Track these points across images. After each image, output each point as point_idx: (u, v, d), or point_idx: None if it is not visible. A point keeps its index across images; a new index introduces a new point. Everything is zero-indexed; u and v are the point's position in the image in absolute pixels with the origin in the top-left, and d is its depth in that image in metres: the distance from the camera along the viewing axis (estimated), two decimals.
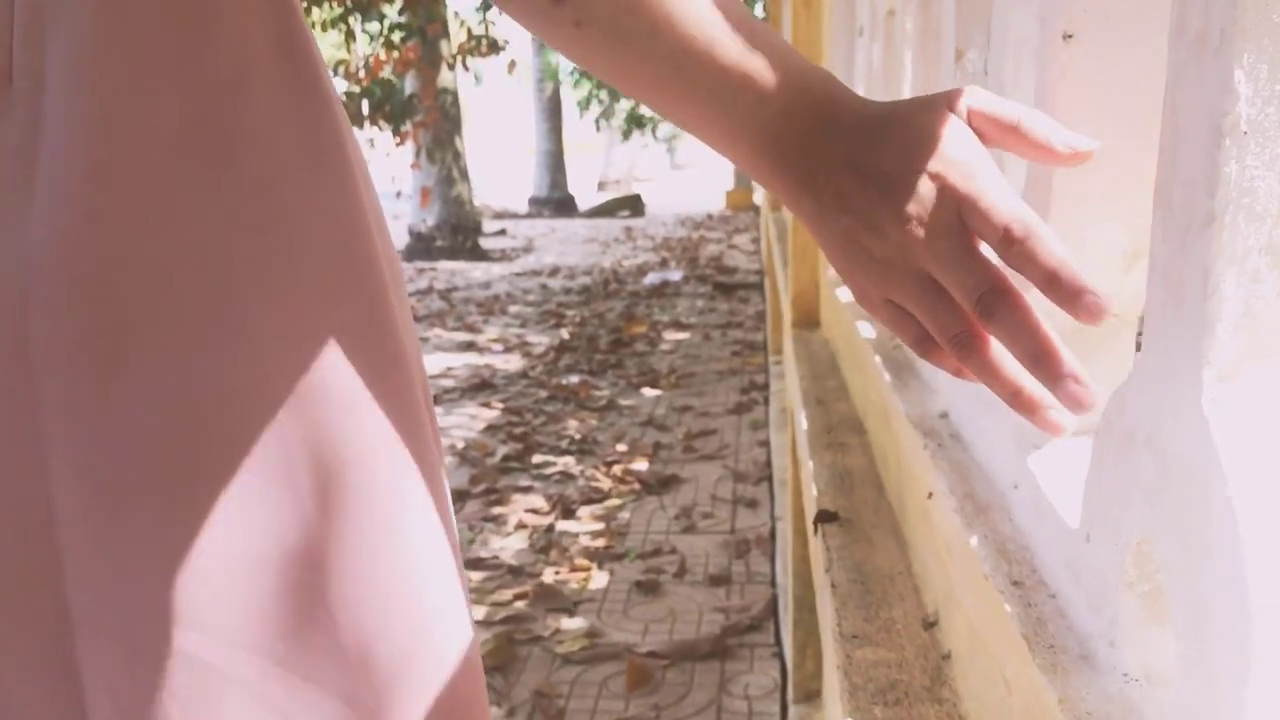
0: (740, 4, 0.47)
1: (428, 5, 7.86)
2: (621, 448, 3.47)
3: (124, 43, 0.40)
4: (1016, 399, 0.41)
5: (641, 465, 3.28)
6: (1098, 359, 0.53)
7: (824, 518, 0.83)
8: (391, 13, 7.95)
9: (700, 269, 8.02)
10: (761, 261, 6.81)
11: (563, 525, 2.80)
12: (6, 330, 0.38)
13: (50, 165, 0.39)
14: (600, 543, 2.66)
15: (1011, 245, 0.40)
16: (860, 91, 1.55)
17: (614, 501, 2.96)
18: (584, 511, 2.90)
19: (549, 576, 2.47)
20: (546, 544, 2.66)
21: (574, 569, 2.49)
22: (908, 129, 0.43)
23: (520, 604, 2.34)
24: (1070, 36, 0.45)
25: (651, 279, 7.52)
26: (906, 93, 1.04)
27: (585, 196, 15.18)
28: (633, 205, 13.73)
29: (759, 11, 9.19)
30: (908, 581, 0.72)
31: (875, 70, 1.30)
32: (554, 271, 8.12)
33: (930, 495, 0.65)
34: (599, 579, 2.45)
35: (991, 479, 0.60)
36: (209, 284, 0.41)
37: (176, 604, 0.39)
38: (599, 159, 19.94)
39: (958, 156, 0.42)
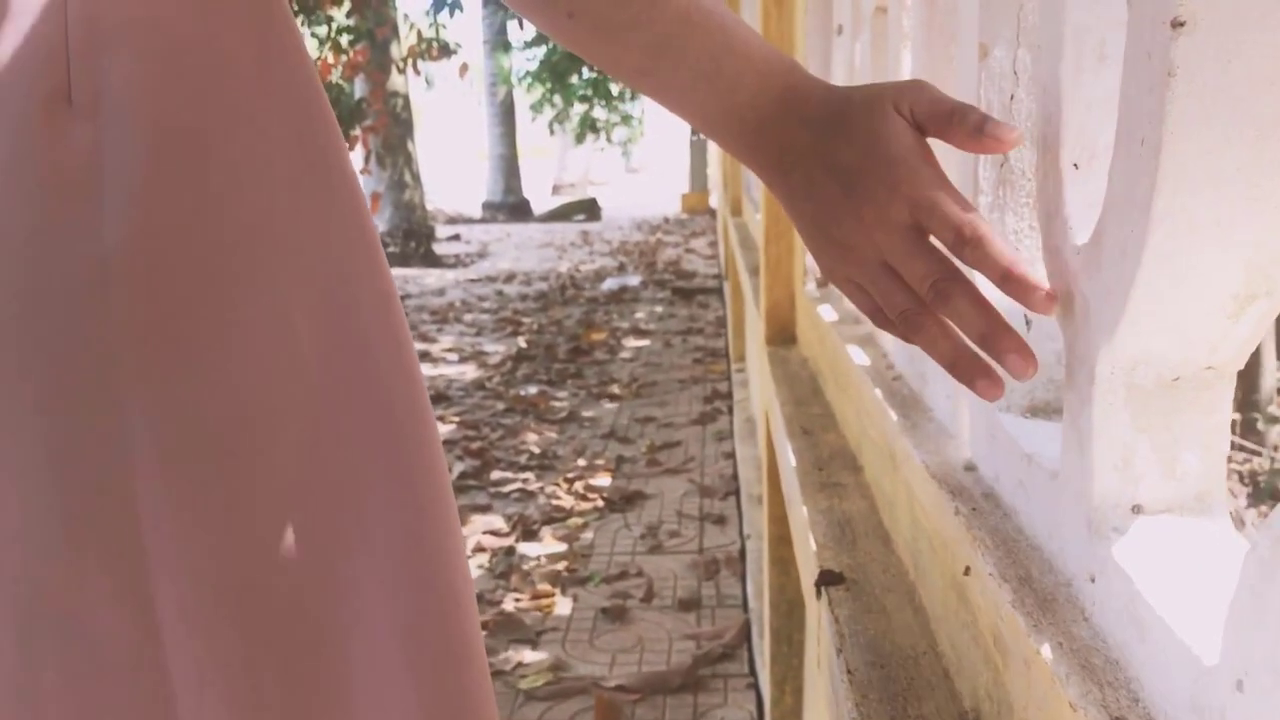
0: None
1: (376, 8, 7.69)
2: (583, 462, 3.36)
3: (177, 65, 0.46)
4: (955, 368, 0.48)
5: (604, 480, 3.17)
6: (1188, 415, 0.44)
7: (828, 579, 0.73)
8: (339, 15, 7.76)
9: (658, 274, 7.93)
10: (720, 265, 6.73)
11: (523, 547, 2.68)
12: (90, 318, 0.44)
13: (114, 176, 0.44)
14: (563, 565, 2.54)
15: (964, 245, 0.46)
16: None
17: (576, 520, 2.85)
18: (545, 532, 2.78)
19: (510, 604, 2.35)
20: (507, 568, 2.54)
21: (536, 595, 2.38)
22: (861, 126, 0.49)
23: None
24: (1181, 24, 0.35)
25: (610, 284, 7.41)
26: None
27: (540, 200, 15.03)
28: (588, 209, 13.61)
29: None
30: (934, 664, 0.62)
31: (859, 72, 1.21)
32: (510, 277, 7.98)
33: (967, 571, 0.55)
34: (562, 606, 2.34)
35: (1050, 561, 0.50)
36: (255, 271, 0.47)
37: (238, 544, 0.46)
38: (554, 163, 19.78)
39: (904, 158, 0.47)
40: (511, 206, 13.64)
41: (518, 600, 2.37)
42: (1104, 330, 0.43)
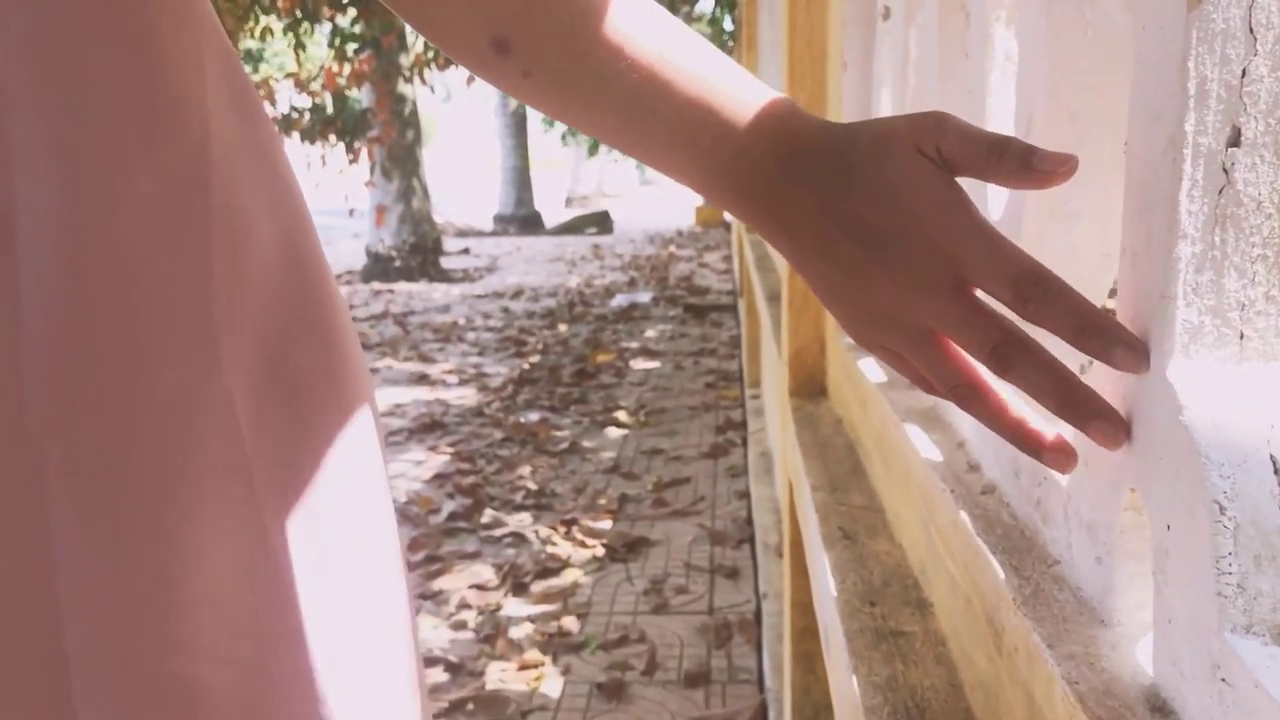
0: (692, 36, 0.46)
1: (383, 15, 7.46)
2: (583, 501, 3.09)
3: (83, 127, 0.39)
4: (1023, 442, 0.42)
5: (605, 524, 2.89)
6: None
7: None
8: (345, 22, 7.56)
9: (670, 289, 7.67)
10: (735, 281, 6.47)
11: (512, 605, 2.40)
12: (7, 404, 0.38)
13: (30, 247, 0.39)
14: (556, 626, 2.27)
15: (1028, 303, 0.39)
16: (889, 97, 1.20)
17: (573, 573, 2.57)
18: (538, 586, 2.51)
19: (494, 676, 2.08)
20: (493, 630, 2.27)
21: (524, 665, 2.10)
22: (874, 175, 0.43)
23: (459, 718, 1.94)
24: None
25: (619, 301, 7.15)
26: (994, 91, 0.68)
27: (553, 213, 14.82)
28: (600, 222, 13.38)
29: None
30: None
31: (917, 67, 0.94)
32: (517, 293, 7.73)
33: None
34: (552, 680, 2.06)
35: None
36: (184, 340, 0.41)
37: (170, 634, 0.40)
38: (567, 175, 19.59)
39: (936, 208, 0.41)
40: (523, 219, 13.42)
41: (503, 671, 2.09)
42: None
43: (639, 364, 5.10)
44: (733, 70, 0.46)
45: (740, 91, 0.46)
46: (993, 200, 0.66)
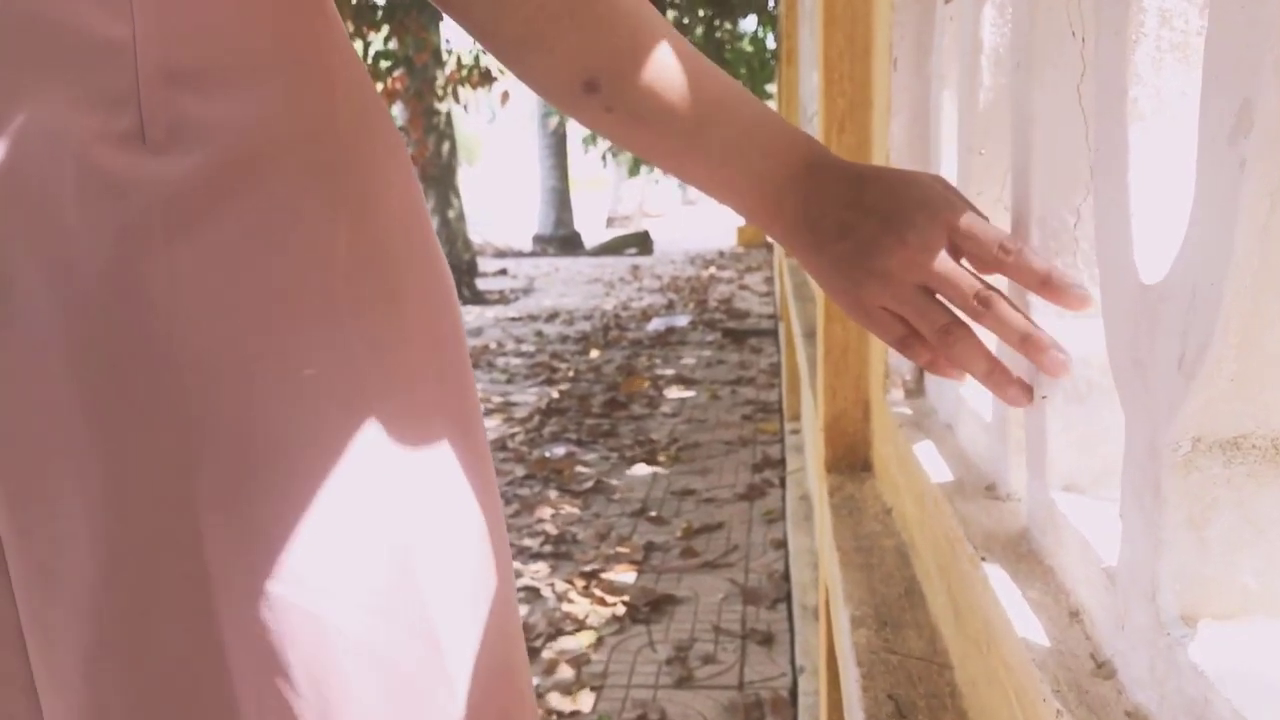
0: (734, 81, 0.56)
1: (416, 33, 7.33)
2: (606, 549, 2.84)
3: (250, 97, 0.46)
4: (991, 376, 0.54)
5: (628, 576, 2.64)
6: None
7: None
8: (377, 40, 7.43)
9: (709, 312, 7.41)
10: (775, 304, 6.20)
11: None
12: (160, 381, 0.43)
13: (183, 213, 0.44)
14: (568, 705, 2.02)
15: (1008, 255, 0.53)
16: (953, 99, 0.95)
17: (589, 634, 2.33)
18: (550, 649, 2.26)
19: None
20: None
21: None
22: (898, 180, 0.55)
23: None
24: None
25: (656, 324, 6.91)
26: (1142, 78, 0.44)
27: (593, 233, 14.65)
28: (640, 243, 13.16)
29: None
30: None
31: (993, 56, 0.70)
32: (552, 316, 7.52)
33: None
34: None
35: None
36: (316, 314, 0.47)
37: (300, 572, 0.45)
38: (608, 194, 19.43)
39: (944, 197, 0.54)
40: (562, 239, 13.25)
41: None
42: None
43: (673, 393, 4.85)
44: (770, 109, 0.56)
45: (774, 120, 0.56)
46: None
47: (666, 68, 0.52)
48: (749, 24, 12.40)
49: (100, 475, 0.43)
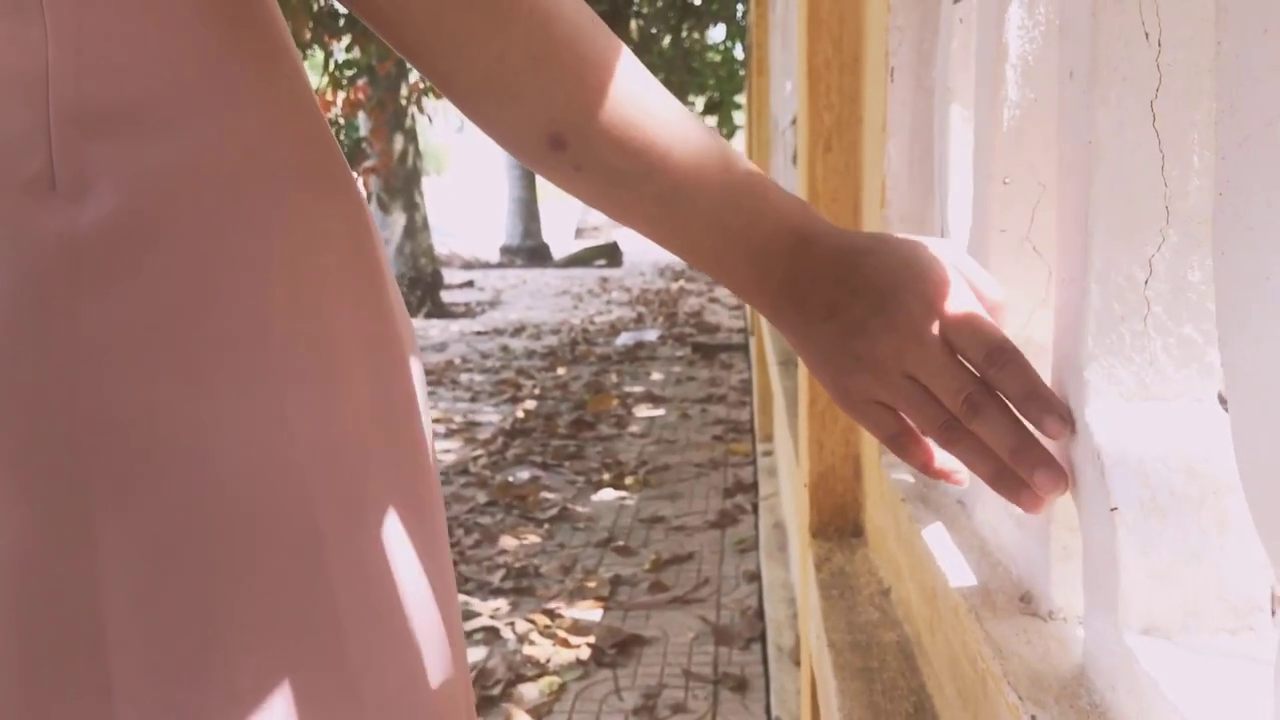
0: (720, 139, 0.50)
1: (379, 43, 7.16)
2: (569, 583, 2.70)
3: (165, 144, 0.41)
4: (999, 480, 0.48)
5: (594, 614, 2.50)
6: None
7: None
8: (339, 49, 7.26)
9: (679, 326, 7.30)
10: (746, 319, 6.09)
11: None
12: (66, 411, 0.39)
13: (93, 262, 0.40)
14: None
15: (994, 364, 0.47)
16: (963, 116, 0.82)
17: (551, 680, 2.18)
18: (507, 699, 2.11)
19: None
20: None
21: None
22: (894, 255, 0.50)
23: None
24: None
25: (624, 339, 6.78)
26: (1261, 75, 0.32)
27: (562, 244, 14.51)
28: (609, 254, 13.04)
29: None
30: None
31: (1020, 64, 0.57)
32: (518, 330, 7.37)
33: None
34: None
35: None
36: (247, 366, 0.42)
37: (219, 680, 0.40)
38: (577, 205, 19.31)
39: (942, 279, 0.49)
40: (530, 251, 13.10)
41: None
42: None
43: (642, 411, 4.72)
44: (762, 174, 0.51)
45: (762, 184, 0.51)
46: None
47: (641, 123, 0.47)
48: (717, 34, 12.33)
49: None
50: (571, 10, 0.46)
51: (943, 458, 0.52)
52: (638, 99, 0.47)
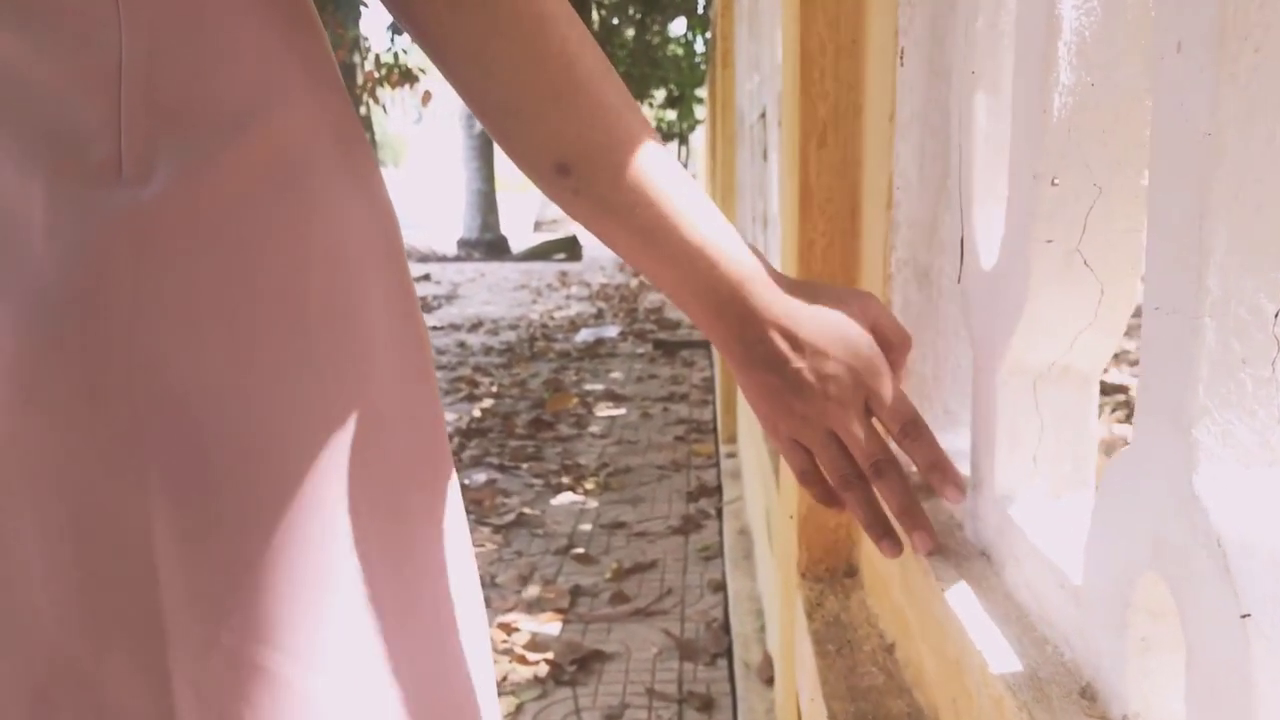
0: (696, 186, 0.57)
1: (334, 29, 6.97)
2: (528, 594, 2.58)
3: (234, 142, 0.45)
4: (871, 527, 0.61)
5: (552, 628, 2.39)
6: None
7: None
8: None
9: (639, 322, 7.19)
10: None
11: None
12: (118, 383, 0.42)
13: (154, 245, 0.43)
14: None
15: (906, 436, 0.59)
16: (989, 106, 0.71)
17: (508, 700, 2.07)
18: None
19: None
20: None
21: None
22: (832, 315, 0.58)
23: None
24: None
25: (584, 336, 6.66)
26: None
27: (520, 238, 14.34)
28: (569, 248, 12.89)
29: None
30: None
31: (1073, 39, 0.47)
32: (475, 325, 7.22)
33: None
34: None
35: None
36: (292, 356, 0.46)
37: (260, 623, 0.44)
38: (536, 198, 19.12)
39: (872, 356, 0.58)
40: (488, 244, 12.92)
41: None
42: None
43: (603, 410, 4.61)
44: (720, 215, 0.57)
45: (727, 231, 0.57)
46: None
47: (639, 167, 0.54)
48: (678, 27, 12.24)
49: (58, 509, 0.43)
50: (592, 59, 0.52)
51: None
52: (640, 146, 0.53)
